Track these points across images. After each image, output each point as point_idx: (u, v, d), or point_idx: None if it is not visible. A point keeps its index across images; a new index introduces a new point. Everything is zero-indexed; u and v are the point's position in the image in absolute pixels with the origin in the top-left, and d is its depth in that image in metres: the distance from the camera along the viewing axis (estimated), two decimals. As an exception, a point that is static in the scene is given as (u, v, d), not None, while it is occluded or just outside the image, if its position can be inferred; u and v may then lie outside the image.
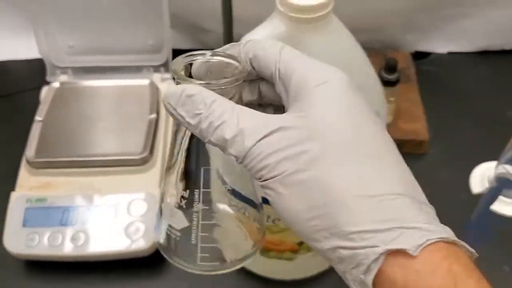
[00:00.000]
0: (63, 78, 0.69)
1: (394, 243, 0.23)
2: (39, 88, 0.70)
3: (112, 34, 0.68)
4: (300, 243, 0.50)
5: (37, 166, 0.58)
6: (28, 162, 0.59)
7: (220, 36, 0.63)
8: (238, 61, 0.29)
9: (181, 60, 0.29)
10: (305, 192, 0.25)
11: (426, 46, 0.82)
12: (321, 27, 0.38)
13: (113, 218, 0.56)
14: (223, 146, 0.26)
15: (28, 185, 0.58)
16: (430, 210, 0.26)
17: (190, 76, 0.30)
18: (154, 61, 0.69)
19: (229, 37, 0.63)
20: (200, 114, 0.26)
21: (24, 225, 0.56)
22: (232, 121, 0.26)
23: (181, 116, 0.27)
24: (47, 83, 0.69)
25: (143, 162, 0.59)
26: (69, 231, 0.55)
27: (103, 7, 0.67)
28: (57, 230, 0.56)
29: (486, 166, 0.62)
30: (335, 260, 0.25)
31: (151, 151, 0.59)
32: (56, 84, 0.66)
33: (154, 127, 0.61)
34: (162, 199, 0.33)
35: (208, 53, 0.30)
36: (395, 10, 0.75)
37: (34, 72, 0.75)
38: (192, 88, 0.27)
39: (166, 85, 0.68)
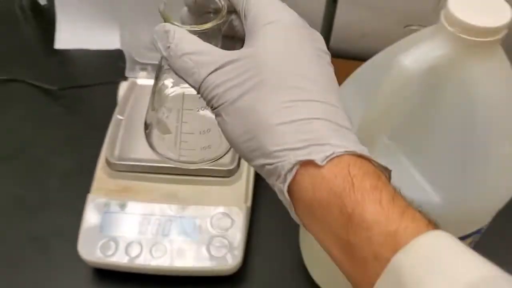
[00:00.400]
0: (142, 74, 0.65)
1: (305, 156, 0.27)
2: (114, 83, 0.67)
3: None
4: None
5: (117, 168, 0.55)
6: (107, 163, 0.55)
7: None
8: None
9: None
10: (242, 118, 0.29)
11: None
12: (488, 53, 0.34)
13: (195, 232, 0.52)
14: (184, 77, 0.31)
15: (106, 187, 0.55)
16: (348, 133, 0.29)
17: None
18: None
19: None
20: (169, 47, 0.31)
21: (100, 231, 0.52)
22: (192, 55, 0.30)
23: (160, 49, 0.31)
24: (124, 77, 0.66)
25: (230, 174, 0.55)
26: (148, 242, 0.52)
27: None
28: (136, 239, 0.52)
29: None
30: (265, 175, 0.29)
31: (239, 163, 0.55)
32: (138, 81, 0.62)
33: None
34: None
35: None
36: None
37: (110, 65, 0.72)
38: (169, 26, 0.31)
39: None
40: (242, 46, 0.33)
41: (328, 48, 0.32)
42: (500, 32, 0.33)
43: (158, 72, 0.44)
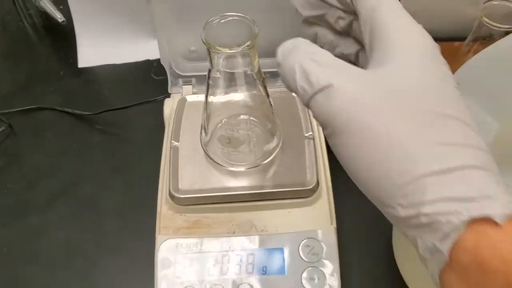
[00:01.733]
0: (187, 88, 0.58)
1: (478, 210, 0.23)
2: (154, 101, 0.61)
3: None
4: None
5: (183, 202, 0.49)
6: (171, 197, 0.49)
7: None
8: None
9: None
10: (375, 146, 0.25)
11: None
12: None
13: (285, 264, 0.46)
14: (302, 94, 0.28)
15: (174, 225, 0.49)
16: (503, 182, 0.25)
17: None
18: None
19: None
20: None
21: (178, 277, 0.46)
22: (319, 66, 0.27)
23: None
24: (166, 93, 0.59)
25: (311, 193, 0.49)
26: (233, 284, 0.46)
27: (232, 4, 0.56)
28: (219, 282, 0.46)
29: None
30: (404, 225, 0.25)
31: (318, 180, 0.49)
32: (187, 97, 0.56)
33: (313, 148, 0.51)
34: None
35: None
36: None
37: (142, 79, 0.65)
38: (294, 41, 0.30)
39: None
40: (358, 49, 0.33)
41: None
42: None
43: (207, 88, 0.46)
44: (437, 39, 0.73)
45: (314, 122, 0.54)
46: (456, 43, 0.70)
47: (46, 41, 0.76)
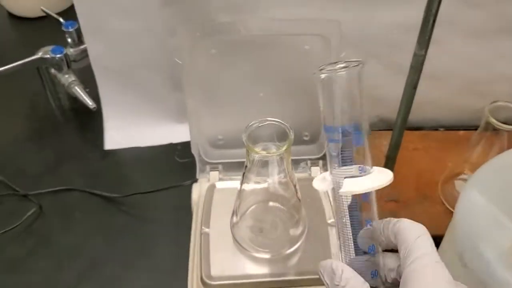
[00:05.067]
0: (214, 174, 0.62)
1: None
2: (180, 186, 0.64)
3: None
4: None
5: (215, 288, 0.51)
6: (204, 284, 0.51)
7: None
8: None
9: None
10: None
11: None
12: None
13: None
14: None
15: (208, 312, 0.51)
16: None
17: None
18: (311, 154, 0.63)
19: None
20: (337, 285, 0.33)
21: None
22: None
23: (327, 284, 0.34)
24: (193, 178, 0.63)
25: (337, 280, 0.51)
26: None
27: (257, 98, 0.61)
28: None
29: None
30: None
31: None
32: (216, 185, 0.59)
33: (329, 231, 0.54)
34: None
35: None
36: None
37: (167, 163, 0.69)
38: (336, 264, 0.34)
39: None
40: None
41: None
42: None
43: (243, 177, 0.50)
44: (442, 126, 0.78)
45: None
46: (461, 131, 0.75)
47: (73, 123, 0.80)
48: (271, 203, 0.54)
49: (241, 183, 0.51)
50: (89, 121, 0.78)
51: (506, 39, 0.66)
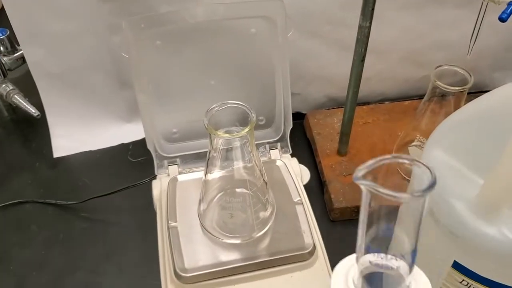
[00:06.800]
0: (173, 168, 0.61)
1: None
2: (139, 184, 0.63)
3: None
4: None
5: (189, 281, 0.50)
6: (177, 277, 0.50)
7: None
8: None
9: None
10: None
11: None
12: None
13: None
14: None
15: (183, 304, 0.50)
16: None
17: None
18: (268, 137, 0.63)
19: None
20: None
21: None
22: None
23: None
24: (152, 175, 0.62)
25: (310, 255, 0.52)
26: None
27: (208, 86, 0.61)
28: None
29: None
30: None
31: (312, 240, 0.53)
32: (178, 178, 0.58)
33: (303, 212, 0.55)
34: None
35: None
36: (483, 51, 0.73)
37: (120, 163, 0.67)
38: None
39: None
40: None
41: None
42: None
43: (206, 166, 0.50)
44: (387, 99, 0.80)
45: (301, 188, 0.58)
46: (406, 102, 0.78)
47: (16, 134, 0.77)
48: (237, 189, 0.53)
49: (205, 172, 0.51)
50: (33, 130, 0.76)
51: (439, 8, 0.68)
